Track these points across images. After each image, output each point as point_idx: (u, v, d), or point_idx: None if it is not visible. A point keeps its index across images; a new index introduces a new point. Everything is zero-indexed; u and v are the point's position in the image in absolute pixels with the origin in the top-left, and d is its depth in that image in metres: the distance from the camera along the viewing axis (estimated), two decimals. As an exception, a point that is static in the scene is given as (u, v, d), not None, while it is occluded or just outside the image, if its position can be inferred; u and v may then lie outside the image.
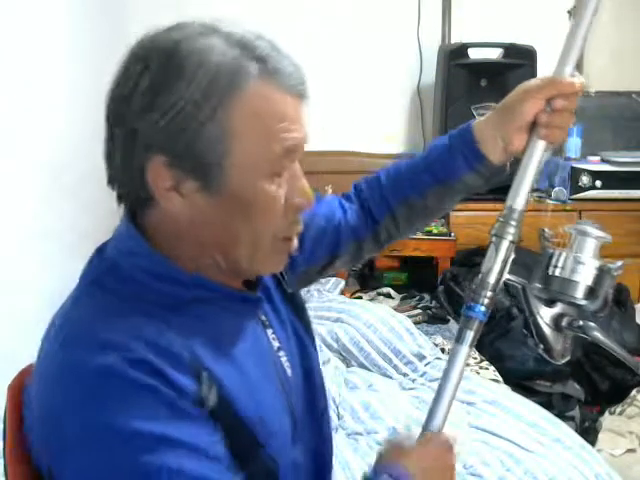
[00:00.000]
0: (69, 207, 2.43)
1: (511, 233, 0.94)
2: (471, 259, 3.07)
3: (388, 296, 3.02)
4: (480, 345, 2.51)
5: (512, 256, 0.94)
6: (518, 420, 1.96)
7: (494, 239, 0.95)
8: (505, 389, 2.16)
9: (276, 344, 0.93)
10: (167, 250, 0.84)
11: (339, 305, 2.53)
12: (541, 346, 0.96)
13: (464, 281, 2.95)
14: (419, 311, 2.79)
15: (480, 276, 0.94)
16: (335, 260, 1.11)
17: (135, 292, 0.82)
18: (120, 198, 0.86)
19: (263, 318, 0.93)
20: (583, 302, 0.94)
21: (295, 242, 0.88)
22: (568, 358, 0.97)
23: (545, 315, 0.96)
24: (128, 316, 0.79)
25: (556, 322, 0.96)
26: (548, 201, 3.18)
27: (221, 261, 0.85)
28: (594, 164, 3.14)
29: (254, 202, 0.81)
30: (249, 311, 0.91)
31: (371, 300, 2.93)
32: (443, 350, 2.43)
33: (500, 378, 2.25)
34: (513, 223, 0.94)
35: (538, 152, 0.96)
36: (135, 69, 0.81)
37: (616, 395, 2.56)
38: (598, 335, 0.94)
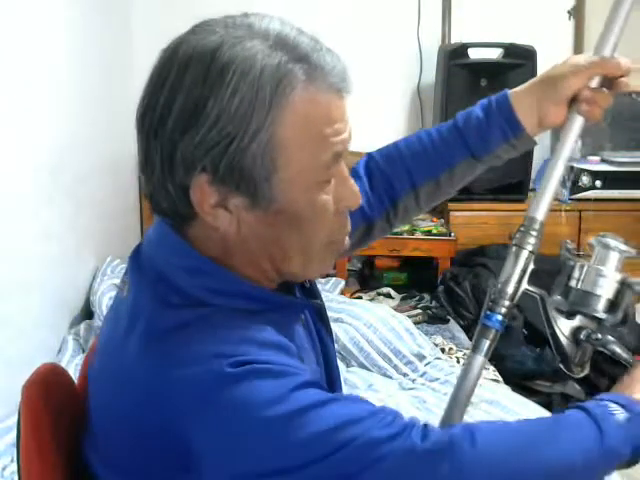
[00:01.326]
0: (69, 207, 2.42)
1: (531, 243, 0.93)
2: (471, 259, 3.07)
3: (388, 296, 3.02)
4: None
5: (531, 266, 0.93)
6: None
7: (514, 249, 0.94)
8: (505, 389, 2.16)
9: (307, 345, 0.92)
10: (218, 261, 0.80)
11: (339, 305, 2.53)
12: (558, 358, 0.94)
13: (464, 281, 2.95)
14: (419, 311, 2.79)
15: (499, 285, 0.93)
16: None
17: (205, 307, 0.78)
18: (158, 210, 0.81)
19: (304, 321, 0.92)
20: (603, 315, 0.93)
21: (347, 240, 0.87)
22: (587, 372, 0.95)
23: (564, 327, 0.94)
24: (222, 326, 0.76)
25: (574, 335, 0.93)
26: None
27: (270, 271, 0.83)
28: (594, 164, 3.14)
29: (305, 214, 0.78)
30: (297, 316, 0.89)
31: (371, 300, 2.93)
32: (443, 350, 2.43)
33: (500, 378, 2.25)
34: (534, 233, 0.94)
35: (576, 128, 0.96)
36: (170, 79, 0.76)
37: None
38: (617, 349, 0.92)
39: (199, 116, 0.73)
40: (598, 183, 3.11)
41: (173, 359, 0.74)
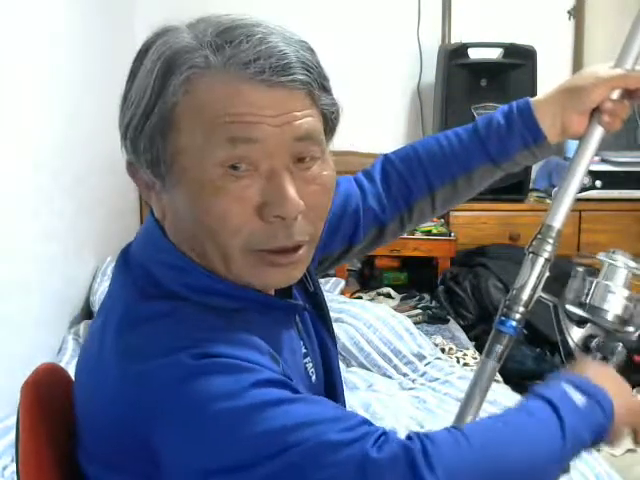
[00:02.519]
0: (69, 207, 2.42)
1: (548, 251, 0.94)
2: (471, 259, 3.07)
3: (388, 296, 3.02)
4: (480, 345, 2.51)
5: (547, 274, 0.94)
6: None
7: (530, 256, 0.95)
8: (505, 389, 2.16)
9: (303, 350, 0.91)
10: (187, 249, 0.80)
11: (339, 305, 2.53)
12: (568, 365, 0.94)
13: (464, 281, 2.95)
14: (419, 311, 2.79)
15: (514, 291, 0.94)
16: (353, 247, 1.06)
17: (183, 303, 0.78)
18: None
19: (300, 325, 0.91)
20: (612, 329, 0.94)
21: (300, 253, 0.79)
22: None
23: (575, 335, 0.95)
24: (192, 320, 0.76)
25: (585, 343, 0.95)
26: (548, 201, 3.18)
27: (217, 261, 0.79)
28: (594, 164, 3.14)
29: (208, 197, 0.75)
30: (287, 318, 0.88)
31: (371, 300, 2.93)
32: (443, 350, 2.43)
33: (500, 378, 2.25)
34: (550, 241, 0.94)
35: (596, 138, 0.98)
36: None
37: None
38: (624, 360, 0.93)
39: (127, 97, 0.80)
40: (598, 183, 3.11)
41: (139, 352, 0.74)
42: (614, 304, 0.94)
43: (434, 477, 0.68)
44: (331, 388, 0.96)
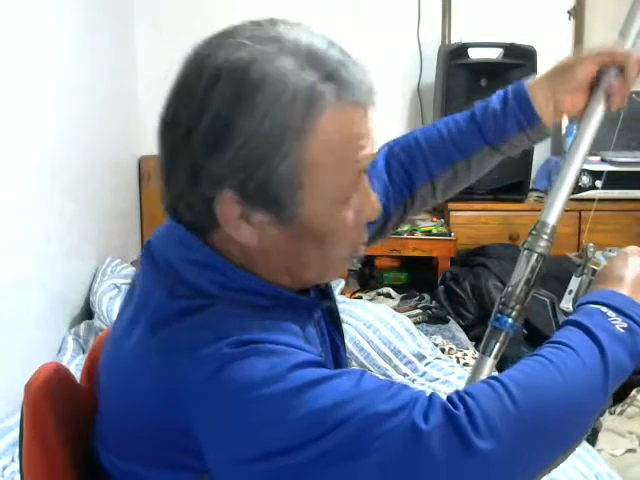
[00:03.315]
0: (69, 207, 2.43)
1: (542, 247, 0.94)
2: (471, 259, 3.07)
3: (388, 296, 3.02)
4: (480, 345, 2.51)
5: (542, 270, 0.94)
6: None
7: (525, 252, 0.95)
8: (505, 389, 2.16)
9: (320, 348, 0.91)
10: (236, 263, 0.81)
11: (339, 305, 2.52)
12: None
13: (464, 281, 2.95)
14: (419, 311, 2.79)
15: (509, 288, 0.94)
16: None
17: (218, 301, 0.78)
18: (178, 220, 0.81)
19: (316, 321, 0.92)
20: None
21: (363, 249, 0.86)
22: None
23: None
24: (225, 313, 0.76)
25: None
26: (548, 201, 3.18)
27: (286, 280, 0.83)
28: (594, 164, 3.14)
29: (327, 229, 0.79)
30: (309, 315, 0.89)
31: (371, 300, 2.93)
32: (443, 350, 2.43)
33: (500, 378, 2.25)
34: (545, 237, 0.94)
35: (596, 117, 0.98)
36: (197, 94, 0.74)
37: (616, 395, 2.56)
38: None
39: (228, 137, 0.73)
40: (598, 183, 3.11)
41: (175, 344, 0.74)
42: None
43: (480, 439, 0.69)
44: None
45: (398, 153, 1.08)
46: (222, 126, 0.73)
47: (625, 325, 0.80)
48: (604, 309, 0.82)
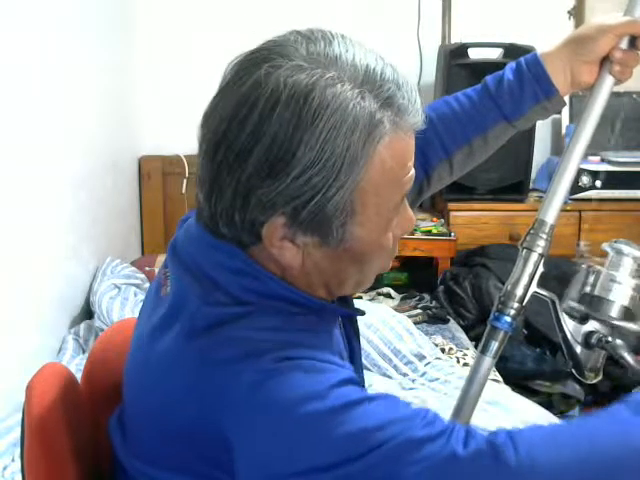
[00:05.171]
0: (69, 207, 2.43)
1: (541, 246, 0.94)
2: (471, 259, 3.07)
3: (388, 296, 3.02)
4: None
5: (541, 269, 0.93)
6: (518, 420, 1.96)
7: (524, 251, 0.94)
8: (505, 389, 2.16)
9: (342, 347, 0.92)
10: (275, 273, 0.80)
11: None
12: (571, 363, 0.93)
13: (464, 281, 2.95)
14: (419, 311, 2.79)
15: (508, 287, 0.93)
16: None
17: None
18: (216, 234, 0.79)
19: (341, 327, 0.92)
20: (617, 322, 0.92)
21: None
22: (600, 378, 0.94)
23: (575, 332, 0.93)
24: (264, 325, 0.76)
25: (586, 339, 0.93)
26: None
27: (322, 292, 0.83)
28: (594, 164, 3.14)
29: (369, 251, 0.80)
30: (335, 321, 0.89)
31: (371, 300, 2.93)
32: (443, 350, 2.43)
33: (500, 378, 2.25)
34: (543, 236, 0.94)
35: (606, 88, 0.98)
36: (253, 115, 0.72)
37: (616, 395, 2.56)
38: (624, 355, 0.91)
39: (284, 164, 0.71)
40: (598, 183, 3.11)
41: (214, 355, 0.73)
42: (620, 295, 0.92)
43: (516, 459, 0.67)
44: None
45: None
46: (280, 153, 0.71)
47: None
48: None
